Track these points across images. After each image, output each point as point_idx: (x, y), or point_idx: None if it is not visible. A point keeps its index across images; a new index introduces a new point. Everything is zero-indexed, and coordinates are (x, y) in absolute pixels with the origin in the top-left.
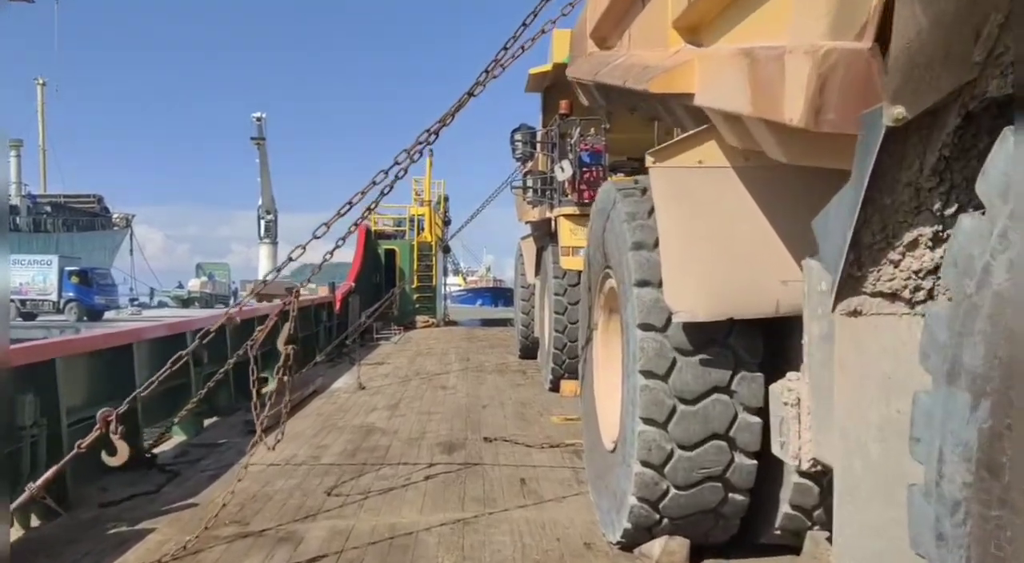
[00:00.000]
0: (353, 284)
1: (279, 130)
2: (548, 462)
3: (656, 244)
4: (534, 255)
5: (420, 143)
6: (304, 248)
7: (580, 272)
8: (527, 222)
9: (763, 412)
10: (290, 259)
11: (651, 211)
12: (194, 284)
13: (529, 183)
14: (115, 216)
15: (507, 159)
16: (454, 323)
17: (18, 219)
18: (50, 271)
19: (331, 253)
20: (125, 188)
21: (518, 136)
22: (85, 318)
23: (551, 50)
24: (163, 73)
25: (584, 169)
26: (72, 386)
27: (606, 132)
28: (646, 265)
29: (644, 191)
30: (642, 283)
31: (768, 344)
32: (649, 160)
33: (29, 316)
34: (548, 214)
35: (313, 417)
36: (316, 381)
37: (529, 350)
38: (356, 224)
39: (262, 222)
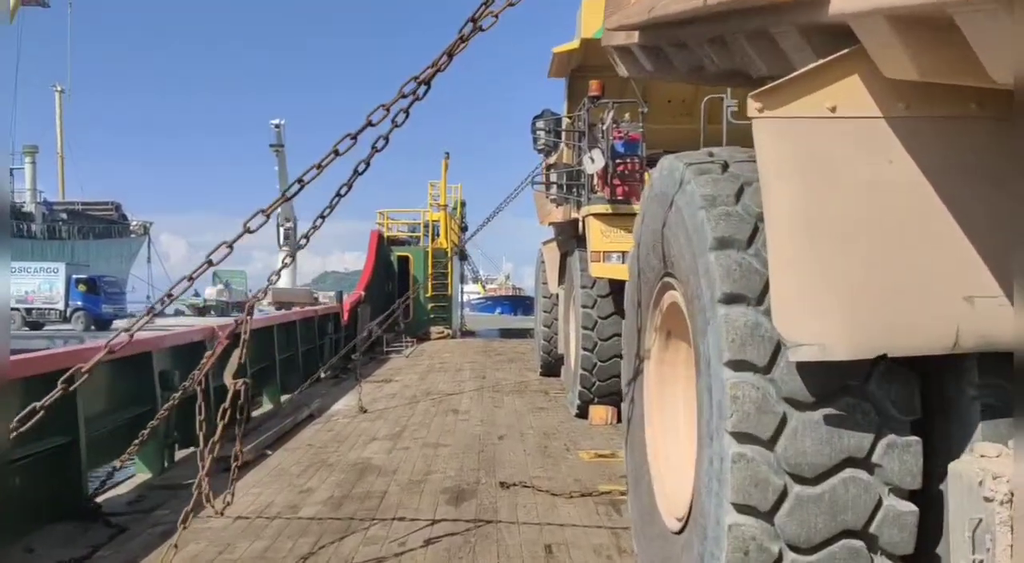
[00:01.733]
0: (363, 293)
1: (301, 136)
2: (579, 519)
3: (751, 240)
4: (557, 261)
5: (404, 95)
6: (231, 246)
7: (613, 281)
8: (550, 224)
9: (920, 497)
10: (210, 262)
11: (739, 194)
12: (210, 292)
13: (553, 178)
14: (133, 223)
15: (527, 164)
16: (471, 333)
17: (32, 226)
18: (57, 279)
19: (291, 256)
20: (149, 196)
21: (540, 123)
22: (93, 327)
23: (579, 25)
24: (186, 82)
25: (618, 161)
26: None
27: (643, 117)
28: (737, 272)
29: (725, 167)
30: (732, 299)
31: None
32: (754, 106)
33: (36, 325)
34: (574, 214)
35: (303, 449)
36: (313, 403)
37: (551, 367)
38: (323, 217)
39: (281, 229)
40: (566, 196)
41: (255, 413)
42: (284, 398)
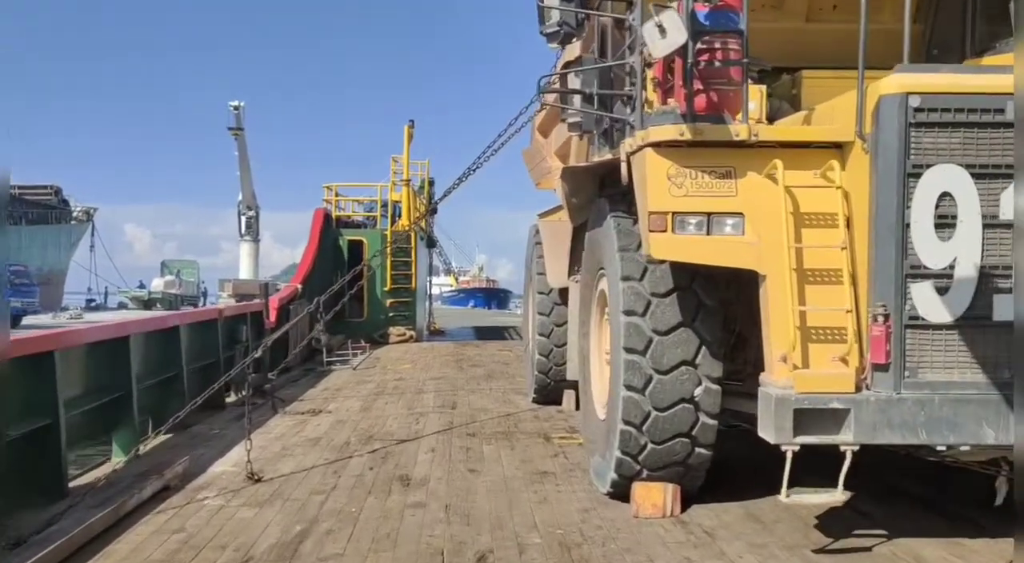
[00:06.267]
0: (299, 286)
1: (270, 124)
2: None
3: None
4: (567, 240)
5: None
6: None
7: (679, 267)
8: (565, 173)
9: None
10: None
11: None
12: (157, 283)
13: (574, 83)
14: (75, 209)
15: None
16: (440, 333)
17: None
18: None
19: None
20: (115, 186)
21: None
22: None
23: None
24: (150, 66)
25: (702, 44)
26: None
27: None
28: None
29: None
30: None
31: None
32: None
33: None
34: (604, 154)
35: None
36: (178, 464)
37: (549, 392)
38: None
39: (243, 218)
40: (598, 114)
41: (81, 479)
42: (155, 443)
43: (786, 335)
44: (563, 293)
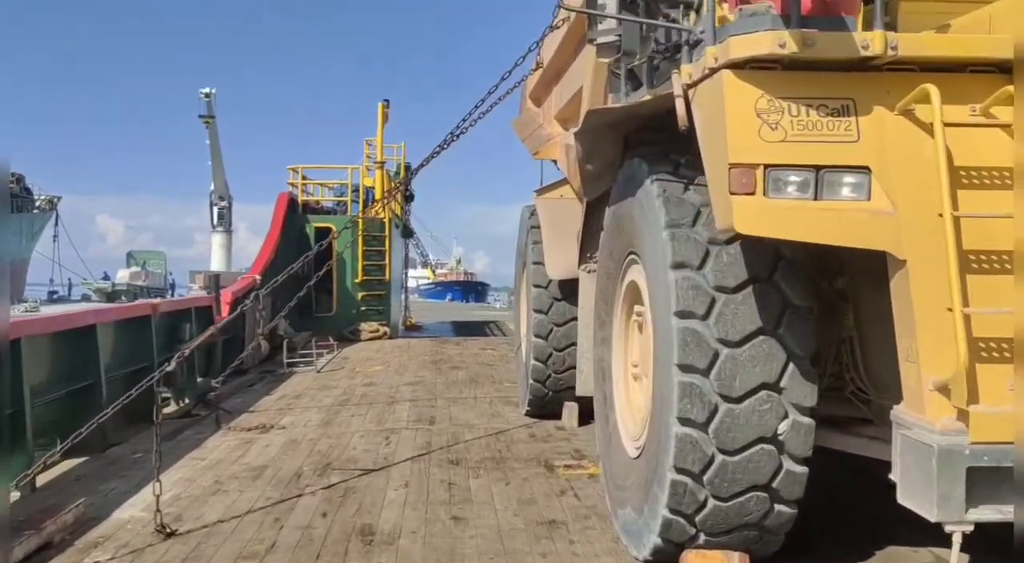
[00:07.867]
0: (258, 277)
1: (249, 118)
2: None
3: None
4: (577, 221)
5: None
6: None
7: (752, 248)
8: (578, 136)
9: None
10: None
11: None
12: (123, 275)
13: None
14: (39, 199)
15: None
16: (417, 328)
17: None
18: None
19: None
20: (87, 176)
21: None
22: None
23: None
24: (124, 55)
25: None
26: None
27: None
28: None
29: None
30: None
31: None
32: None
33: None
34: (641, 94)
35: None
36: (68, 511)
37: (546, 403)
38: None
39: (215, 209)
40: (647, 25)
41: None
42: (59, 472)
43: (946, 353)
44: (564, 286)
